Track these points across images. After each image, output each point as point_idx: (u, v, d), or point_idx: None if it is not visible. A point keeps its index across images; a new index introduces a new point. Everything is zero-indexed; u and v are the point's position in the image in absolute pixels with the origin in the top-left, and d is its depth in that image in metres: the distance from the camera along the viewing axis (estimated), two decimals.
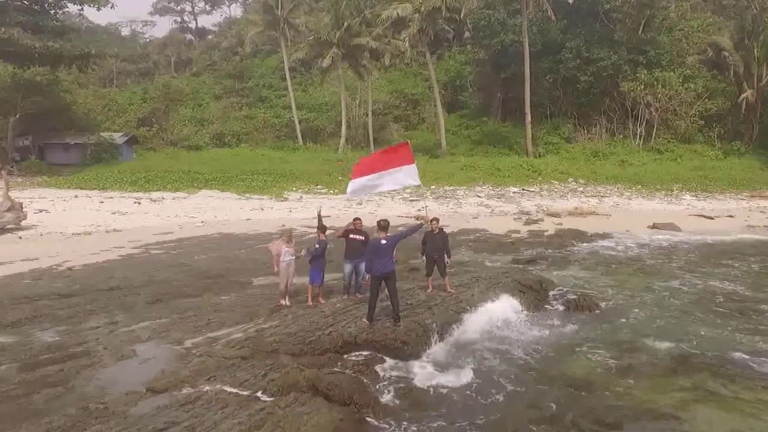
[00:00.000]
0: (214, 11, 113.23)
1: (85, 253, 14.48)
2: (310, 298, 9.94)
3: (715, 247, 18.79)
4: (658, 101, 37.09)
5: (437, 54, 53.87)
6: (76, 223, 18.75)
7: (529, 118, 37.10)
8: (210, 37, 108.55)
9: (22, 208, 17.34)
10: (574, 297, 11.45)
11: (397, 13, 35.74)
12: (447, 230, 11.32)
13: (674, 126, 39.60)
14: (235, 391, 6.20)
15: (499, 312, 9.79)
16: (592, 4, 37.02)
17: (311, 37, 38.38)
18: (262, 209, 22.89)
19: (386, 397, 6.50)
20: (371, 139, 44.61)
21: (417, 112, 53.18)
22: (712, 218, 24.57)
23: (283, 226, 19.90)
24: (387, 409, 6.24)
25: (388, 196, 26.14)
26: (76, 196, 24.07)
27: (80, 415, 5.73)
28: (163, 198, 24.31)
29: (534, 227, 21.76)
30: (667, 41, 41.38)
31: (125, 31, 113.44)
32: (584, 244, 18.77)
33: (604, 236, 20.28)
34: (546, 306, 10.96)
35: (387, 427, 5.91)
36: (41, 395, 6.35)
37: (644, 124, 38.74)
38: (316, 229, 10.54)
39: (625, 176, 32.73)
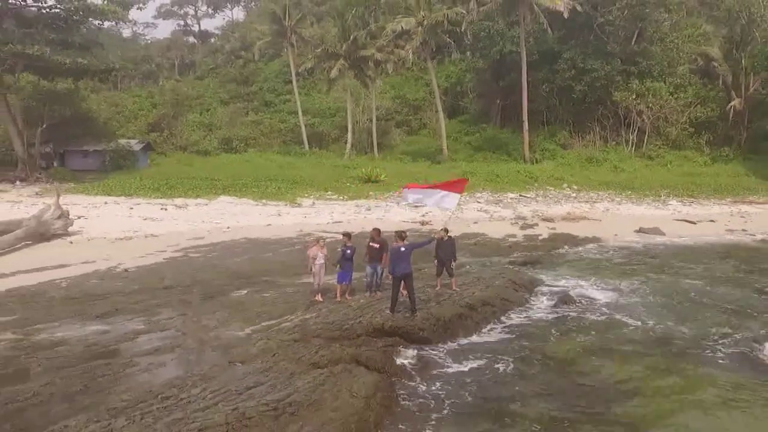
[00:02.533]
0: (216, 14, 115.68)
1: (134, 257, 16.62)
2: (338, 295, 12.08)
3: (693, 250, 20.90)
4: (649, 110, 39.32)
5: (438, 59, 55.98)
6: (114, 228, 20.87)
7: (526, 126, 39.32)
8: (212, 40, 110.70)
9: (68, 215, 19.49)
10: (560, 293, 13.64)
11: (402, 27, 37.96)
12: (449, 235, 13.45)
13: (665, 133, 41.88)
14: (296, 363, 8.35)
15: None
16: (587, 18, 39.20)
17: (319, 49, 40.52)
18: (280, 215, 25.06)
19: (408, 367, 8.68)
20: (375, 144, 46.75)
21: (418, 117, 55.37)
22: (694, 223, 26.72)
23: (301, 231, 22.09)
24: (409, 375, 8.43)
25: (394, 202, 28.31)
26: (105, 203, 26.16)
27: (186, 378, 7.88)
28: (187, 204, 26.44)
29: (529, 231, 23.87)
30: (658, 51, 43.58)
31: (126, 33, 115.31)
32: (575, 248, 20.89)
33: (594, 240, 22.38)
34: (535, 301, 13.14)
35: (411, 385, 8.12)
36: (151, 366, 8.49)
37: (636, 131, 41.01)
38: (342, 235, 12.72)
39: (617, 182, 34.92)
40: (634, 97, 39.22)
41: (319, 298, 12.02)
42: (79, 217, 21.92)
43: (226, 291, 13.37)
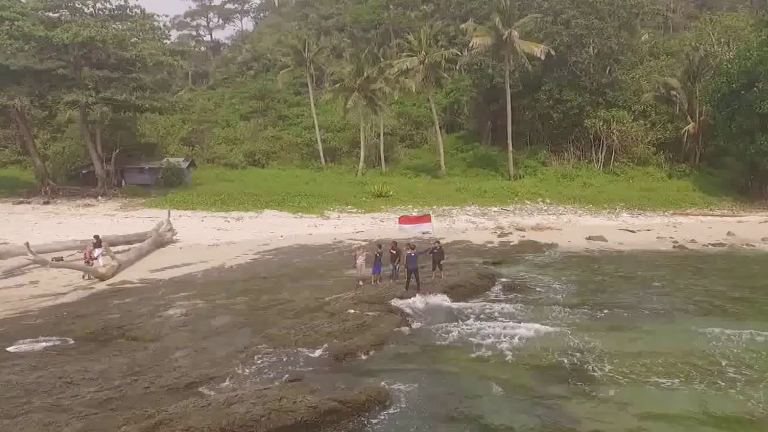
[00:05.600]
0: (226, 25, 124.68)
1: (229, 258, 25.39)
2: (372, 281, 20.84)
3: (621, 253, 29.39)
4: (614, 133, 48.21)
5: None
6: (199, 237, 29.62)
7: (510, 148, 48.15)
8: (221, 49, 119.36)
9: (173, 228, 28.28)
10: (510, 283, 22.33)
11: (407, 66, 46.85)
12: (443, 242, 22.19)
13: (631, 152, 50.72)
14: (359, 311, 17.14)
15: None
16: (562, 56, 48.00)
17: (337, 84, 49.42)
18: (316, 226, 33.88)
19: (415, 314, 17.49)
20: (383, 158, 55.49)
21: (420, 132, 64.20)
22: (633, 232, 35.31)
23: (335, 239, 30.86)
24: (416, 316, 17.25)
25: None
26: (180, 216, 34.84)
27: (306, 317, 16.66)
28: (242, 217, 35.23)
29: (504, 239, 32.49)
30: (628, 80, 52.39)
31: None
32: (534, 252, 29.38)
33: (551, 246, 30.89)
34: (493, 287, 21.88)
35: (417, 319, 16.93)
36: (284, 314, 17.25)
37: (605, 151, 49.86)
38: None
39: (584, 196, 43.65)
40: (602, 123, 48.07)
41: (362, 283, 20.81)
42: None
43: (301, 279, 22.13)
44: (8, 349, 13.37)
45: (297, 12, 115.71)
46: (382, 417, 10.74)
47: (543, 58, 45.01)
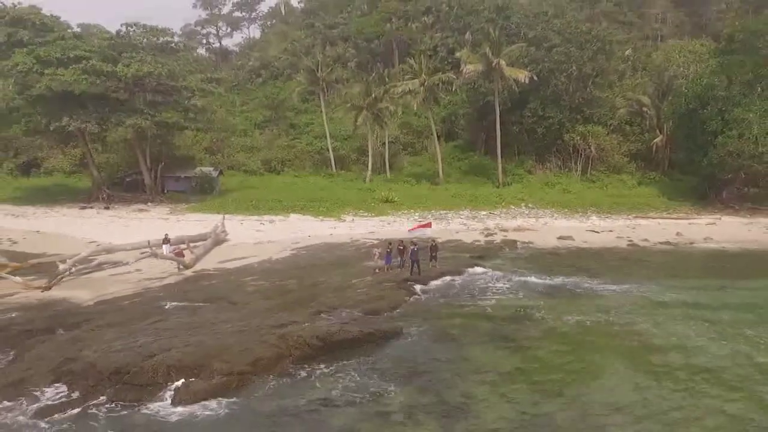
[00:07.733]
0: (234, 33, 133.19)
1: (273, 253, 33.77)
2: (386, 269, 29.31)
3: (582, 250, 37.80)
4: (589, 146, 56.75)
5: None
6: (244, 237, 38.05)
7: (500, 159, 56.65)
8: (230, 56, 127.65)
9: (225, 229, 36.74)
10: (485, 269, 30.75)
11: (409, 88, 55.40)
12: (439, 240, 30.62)
13: (607, 161, 59.24)
14: (379, 287, 25.61)
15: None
16: (545, 78, 56.53)
17: (349, 104, 58.05)
18: (335, 228, 42.30)
19: (418, 289, 25.96)
20: (387, 165, 63.92)
21: (421, 140, 72.65)
22: (597, 232, 43.57)
23: (352, 238, 39.24)
24: (417, 290, 25.74)
25: (405, 219, 45.56)
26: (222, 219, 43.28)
27: (340, 289, 25.14)
28: (273, 220, 43.64)
29: (489, 238, 40.82)
30: (604, 98, 60.93)
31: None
32: (512, 248, 37.74)
33: (527, 244, 39.12)
34: (472, 270, 30.28)
35: (418, 293, 25.42)
36: (326, 291, 25.73)
37: (583, 161, 58.38)
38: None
39: (561, 201, 52.01)
40: (579, 137, 56.60)
41: (378, 271, 29.28)
42: None
43: (331, 268, 30.51)
44: (165, 307, 21.89)
45: (303, 21, 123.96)
46: (398, 341, 19.22)
47: (527, 82, 53.48)
